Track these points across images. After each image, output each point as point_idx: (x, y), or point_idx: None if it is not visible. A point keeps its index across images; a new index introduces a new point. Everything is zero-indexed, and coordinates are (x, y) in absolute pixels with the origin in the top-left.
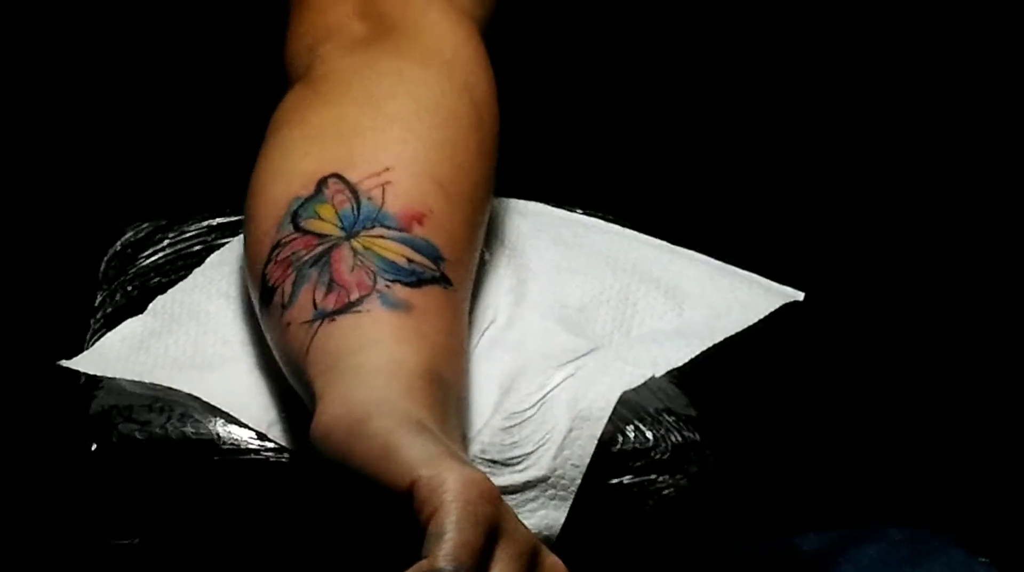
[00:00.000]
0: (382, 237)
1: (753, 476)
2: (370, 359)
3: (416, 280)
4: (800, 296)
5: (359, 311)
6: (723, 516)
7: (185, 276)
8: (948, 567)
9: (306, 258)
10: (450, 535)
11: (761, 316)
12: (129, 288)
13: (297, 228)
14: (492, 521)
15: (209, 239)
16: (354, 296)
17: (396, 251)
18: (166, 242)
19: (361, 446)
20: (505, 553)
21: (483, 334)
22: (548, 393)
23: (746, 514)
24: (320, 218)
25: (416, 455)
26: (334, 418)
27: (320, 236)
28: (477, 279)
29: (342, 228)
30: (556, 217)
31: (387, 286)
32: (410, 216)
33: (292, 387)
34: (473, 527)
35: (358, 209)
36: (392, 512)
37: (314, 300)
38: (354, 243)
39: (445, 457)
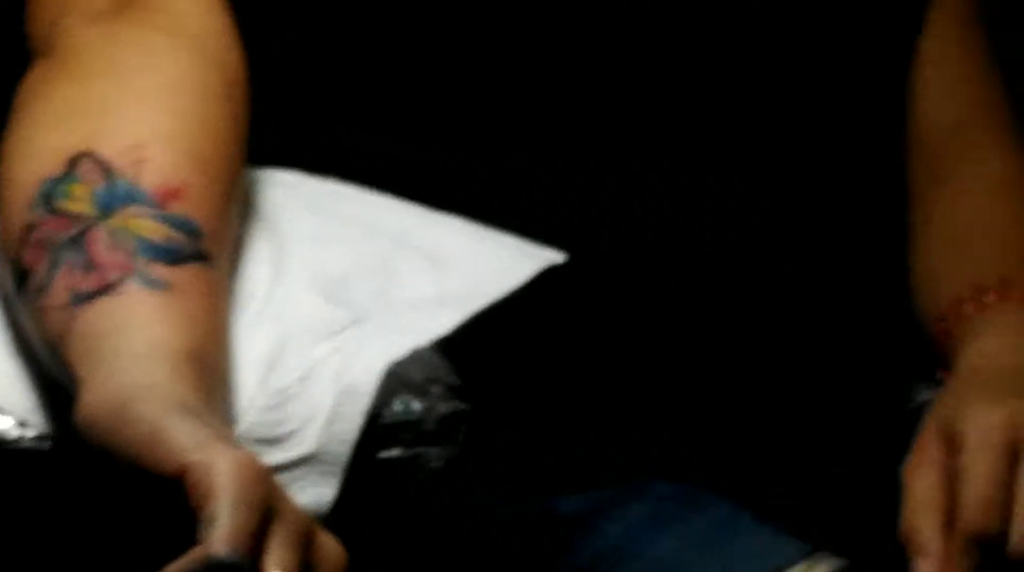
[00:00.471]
0: (138, 215)
1: (516, 441)
2: (131, 342)
3: (175, 258)
4: (560, 258)
5: (117, 292)
6: (485, 482)
7: None
8: (714, 522)
9: (61, 240)
10: (224, 520)
11: (523, 280)
12: None
13: (50, 209)
14: (265, 503)
15: None
16: (111, 277)
17: (153, 229)
18: None
19: (128, 431)
20: (279, 534)
21: (244, 309)
22: (312, 368)
23: (508, 479)
24: (73, 198)
25: (184, 440)
26: (98, 404)
27: (74, 217)
28: (234, 254)
29: (97, 207)
30: (311, 186)
31: (145, 265)
32: (166, 192)
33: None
34: (246, 511)
35: (112, 187)
36: (164, 499)
37: (70, 283)
38: (110, 222)
39: (214, 440)
